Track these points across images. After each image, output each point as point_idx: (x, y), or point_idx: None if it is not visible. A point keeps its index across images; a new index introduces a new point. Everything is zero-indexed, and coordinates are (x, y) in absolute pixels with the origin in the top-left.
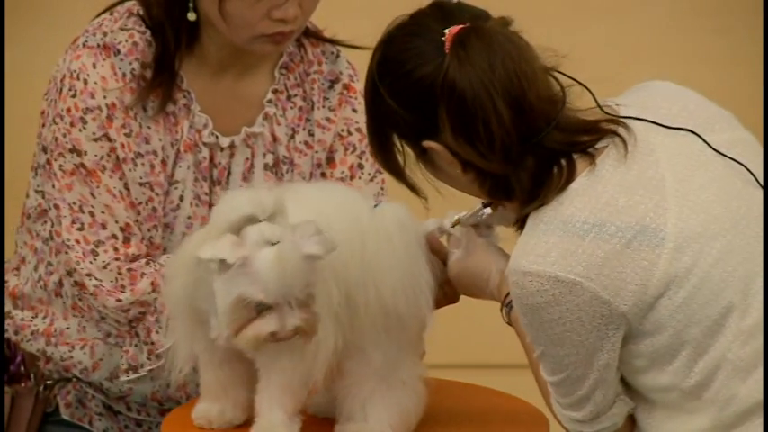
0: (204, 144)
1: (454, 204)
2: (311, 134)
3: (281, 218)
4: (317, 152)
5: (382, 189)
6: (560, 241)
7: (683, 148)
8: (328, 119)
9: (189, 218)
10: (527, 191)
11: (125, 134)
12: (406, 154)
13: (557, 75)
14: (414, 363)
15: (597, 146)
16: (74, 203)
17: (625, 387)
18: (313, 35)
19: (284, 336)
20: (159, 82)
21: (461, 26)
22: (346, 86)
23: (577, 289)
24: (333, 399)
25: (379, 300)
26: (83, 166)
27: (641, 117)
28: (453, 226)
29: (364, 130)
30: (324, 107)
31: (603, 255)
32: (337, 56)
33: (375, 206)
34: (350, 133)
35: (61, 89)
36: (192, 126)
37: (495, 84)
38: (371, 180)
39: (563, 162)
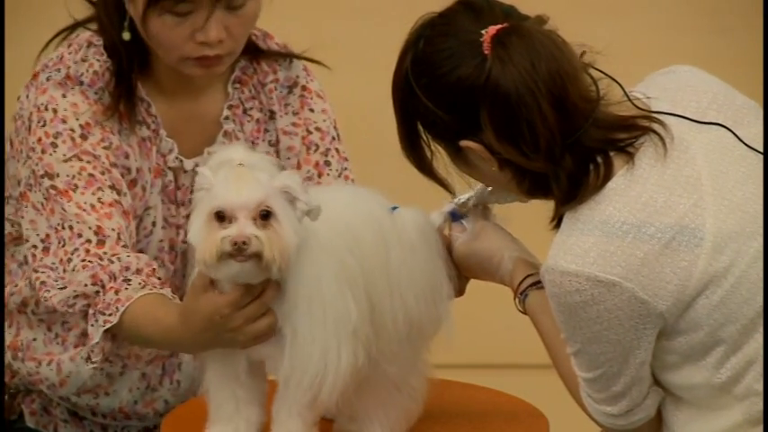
0: (169, 168)
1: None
2: (271, 144)
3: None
4: (288, 158)
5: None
6: (599, 241)
7: (717, 143)
8: (294, 123)
9: (160, 241)
10: (565, 189)
11: (104, 147)
12: (434, 151)
13: (588, 70)
14: (424, 365)
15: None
16: (58, 225)
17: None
18: (265, 53)
19: (242, 239)
20: (118, 95)
21: (500, 26)
22: (304, 88)
23: (616, 289)
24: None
25: (404, 312)
26: (54, 187)
27: (673, 112)
28: (458, 210)
29: (323, 128)
30: (287, 113)
31: (642, 255)
32: (291, 61)
33: (393, 209)
34: (310, 132)
35: (30, 125)
36: (158, 151)
37: (539, 84)
38: (339, 176)
39: (599, 160)
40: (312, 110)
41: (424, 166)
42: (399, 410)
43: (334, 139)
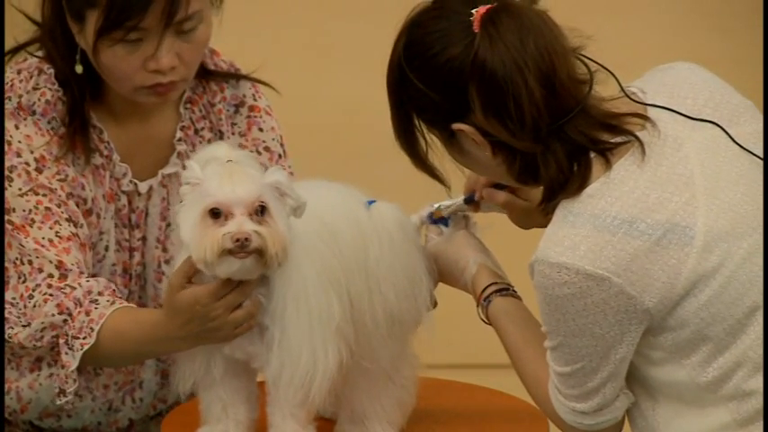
0: (123, 192)
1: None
2: None
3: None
4: None
5: None
6: (590, 235)
7: (710, 142)
8: (241, 144)
9: (113, 264)
10: (553, 175)
11: (59, 179)
12: (429, 142)
13: (582, 58)
14: (413, 358)
15: (625, 142)
16: (16, 259)
17: (628, 380)
18: (214, 74)
19: (244, 236)
20: (74, 130)
21: (490, 5)
22: (251, 108)
23: (605, 284)
24: (333, 398)
25: (384, 306)
26: (10, 222)
27: (668, 107)
28: (434, 215)
29: (271, 147)
30: (234, 134)
31: (633, 251)
32: (238, 79)
33: (370, 203)
34: (259, 153)
35: None
36: (112, 176)
37: (527, 60)
38: None
39: (582, 160)
40: (261, 129)
41: (418, 157)
42: (394, 403)
43: (280, 156)
